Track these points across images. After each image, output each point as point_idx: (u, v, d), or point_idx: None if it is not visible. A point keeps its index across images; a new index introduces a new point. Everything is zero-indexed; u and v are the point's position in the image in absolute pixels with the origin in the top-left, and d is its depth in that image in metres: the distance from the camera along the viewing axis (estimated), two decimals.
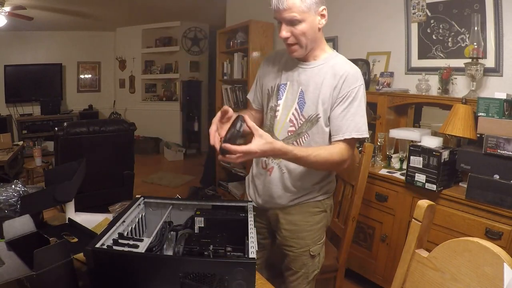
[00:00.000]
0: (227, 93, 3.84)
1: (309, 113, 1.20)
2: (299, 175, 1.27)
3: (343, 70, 1.17)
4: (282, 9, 1.07)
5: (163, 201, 1.14)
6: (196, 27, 6.18)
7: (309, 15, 1.09)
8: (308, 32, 1.12)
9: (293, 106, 1.23)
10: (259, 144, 0.98)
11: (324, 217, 1.36)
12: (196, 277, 0.77)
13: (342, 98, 1.16)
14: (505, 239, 1.51)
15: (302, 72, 1.22)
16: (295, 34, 1.11)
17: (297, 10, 1.07)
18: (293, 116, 1.23)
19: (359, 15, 2.69)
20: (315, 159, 1.10)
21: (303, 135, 1.22)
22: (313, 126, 1.21)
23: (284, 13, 1.08)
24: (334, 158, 1.14)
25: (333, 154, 1.14)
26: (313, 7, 1.09)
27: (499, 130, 1.55)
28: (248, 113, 1.40)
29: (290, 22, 1.10)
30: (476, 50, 1.87)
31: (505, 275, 0.63)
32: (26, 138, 5.57)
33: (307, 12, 1.08)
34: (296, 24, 1.10)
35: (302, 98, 1.21)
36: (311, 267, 1.36)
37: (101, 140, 2.73)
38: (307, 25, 1.10)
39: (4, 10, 3.90)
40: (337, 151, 1.15)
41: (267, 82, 1.31)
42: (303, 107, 1.21)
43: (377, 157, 2.23)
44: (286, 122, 1.24)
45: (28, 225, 0.93)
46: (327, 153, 1.13)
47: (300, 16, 1.08)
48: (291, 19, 1.09)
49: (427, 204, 0.81)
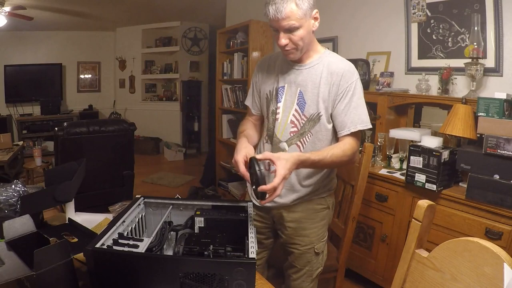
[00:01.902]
0: (227, 93, 3.84)
1: (310, 112, 1.22)
2: (304, 175, 1.28)
3: (339, 67, 1.20)
4: (281, 18, 1.09)
5: (163, 201, 1.14)
6: (196, 27, 6.18)
7: (305, 21, 1.12)
8: (305, 36, 1.14)
9: (293, 107, 1.25)
10: (284, 166, 0.99)
11: (327, 214, 1.38)
12: (196, 277, 0.77)
13: (342, 94, 1.19)
14: (505, 239, 1.51)
15: (298, 73, 1.24)
16: (294, 40, 1.14)
17: (294, 17, 1.09)
18: (294, 117, 1.25)
19: (359, 15, 2.69)
20: (331, 159, 1.14)
21: (306, 134, 1.24)
22: (315, 125, 1.23)
23: (282, 22, 1.09)
24: (347, 154, 1.18)
25: (345, 150, 1.18)
26: (308, 12, 1.11)
27: (499, 130, 1.55)
28: (250, 124, 1.43)
29: (288, 29, 1.12)
30: (476, 50, 1.87)
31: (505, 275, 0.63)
32: (26, 138, 5.57)
33: (303, 18, 1.11)
34: (294, 31, 1.12)
35: (301, 98, 1.23)
36: (315, 264, 1.37)
37: (101, 140, 2.73)
38: (304, 30, 1.13)
39: (4, 10, 3.90)
40: (348, 146, 1.19)
41: (265, 87, 1.33)
42: (303, 107, 1.23)
43: (377, 157, 2.23)
44: (288, 123, 1.26)
45: (28, 225, 0.93)
46: (340, 151, 1.17)
47: (298, 23, 1.10)
48: (289, 27, 1.10)
49: (427, 204, 0.81)
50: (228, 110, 3.89)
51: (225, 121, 3.93)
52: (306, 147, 1.25)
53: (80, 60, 6.43)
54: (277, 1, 1.07)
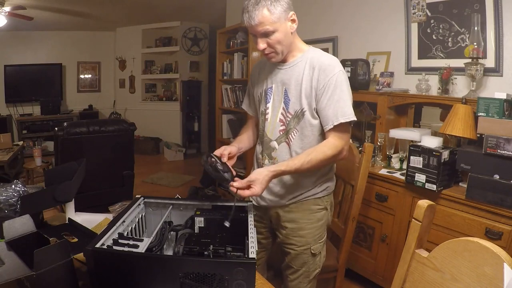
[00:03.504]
0: (227, 93, 3.84)
1: (294, 108, 1.25)
2: (299, 174, 1.28)
3: (320, 61, 1.21)
4: (254, 25, 1.13)
5: (163, 201, 1.14)
6: (196, 27, 6.18)
7: (280, 24, 1.15)
8: (282, 39, 1.18)
9: (281, 106, 1.28)
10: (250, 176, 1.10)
11: (325, 215, 1.38)
12: (196, 277, 0.77)
13: (324, 88, 1.19)
14: (505, 239, 1.51)
15: (283, 72, 1.27)
16: (271, 44, 1.18)
17: (268, 22, 1.13)
18: (282, 116, 1.28)
19: (359, 15, 2.69)
20: (309, 164, 1.16)
21: (292, 131, 1.26)
22: (300, 121, 1.25)
23: (257, 28, 1.14)
24: (328, 154, 1.18)
25: (325, 152, 1.17)
26: (282, 15, 1.15)
27: (499, 130, 1.55)
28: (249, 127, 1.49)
29: (264, 34, 1.16)
30: (476, 50, 1.87)
31: (505, 275, 0.63)
32: (26, 138, 5.57)
33: (278, 22, 1.14)
34: (270, 35, 1.16)
35: (286, 96, 1.26)
36: (312, 265, 1.37)
37: (101, 140, 2.73)
38: (280, 33, 1.16)
39: (4, 10, 3.90)
40: (329, 146, 1.19)
41: (257, 89, 1.38)
42: (288, 104, 1.26)
43: (377, 157, 2.23)
44: (276, 122, 1.29)
45: (28, 225, 0.93)
46: (321, 153, 1.17)
47: (272, 27, 1.14)
48: (264, 32, 1.15)
49: (427, 204, 0.81)
50: (228, 110, 3.89)
51: (225, 121, 3.93)
52: (293, 144, 1.27)
53: (80, 60, 6.43)
54: (249, 9, 1.12)
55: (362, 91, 2.39)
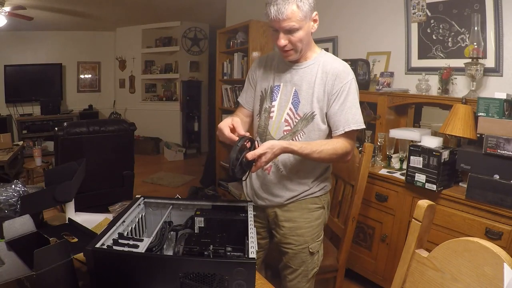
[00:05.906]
0: (227, 93, 3.84)
1: (304, 111, 1.24)
2: (297, 173, 1.29)
3: (334, 67, 1.21)
4: (282, 19, 1.10)
5: (163, 201, 1.14)
6: (196, 27, 6.18)
7: (305, 22, 1.13)
8: (304, 38, 1.16)
9: (288, 106, 1.26)
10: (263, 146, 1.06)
11: (322, 213, 1.38)
12: (196, 277, 0.77)
13: (337, 94, 1.20)
14: (505, 239, 1.51)
15: (294, 73, 1.26)
16: (293, 41, 1.15)
17: (295, 19, 1.10)
18: (288, 116, 1.26)
19: (359, 15, 2.69)
20: (319, 155, 1.16)
21: (299, 133, 1.25)
22: (308, 124, 1.24)
23: (283, 23, 1.11)
24: (338, 153, 1.19)
25: (337, 148, 1.19)
26: (308, 14, 1.13)
27: (499, 130, 1.55)
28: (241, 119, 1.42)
29: (288, 31, 1.13)
30: (476, 50, 1.87)
31: (505, 275, 0.63)
32: (26, 138, 5.57)
33: (304, 19, 1.12)
34: (293, 32, 1.13)
35: (296, 97, 1.25)
36: (310, 264, 1.37)
37: (101, 140, 2.73)
38: (303, 32, 1.14)
39: (4, 10, 3.90)
40: (340, 145, 1.20)
41: (261, 85, 1.35)
42: (297, 106, 1.24)
43: (377, 157, 2.23)
44: (281, 122, 1.27)
45: (28, 225, 0.93)
46: (332, 148, 1.18)
47: (298, 25, 1.12)
48: (289, 28, 1.12)
49: (427, 204, 0.81)
50: (228, 110, 3.89)
51: None
52: None
53: (80, 60, 6.43)
54: (278, 1, 1.08)
55: (362, 91, 2.38)
